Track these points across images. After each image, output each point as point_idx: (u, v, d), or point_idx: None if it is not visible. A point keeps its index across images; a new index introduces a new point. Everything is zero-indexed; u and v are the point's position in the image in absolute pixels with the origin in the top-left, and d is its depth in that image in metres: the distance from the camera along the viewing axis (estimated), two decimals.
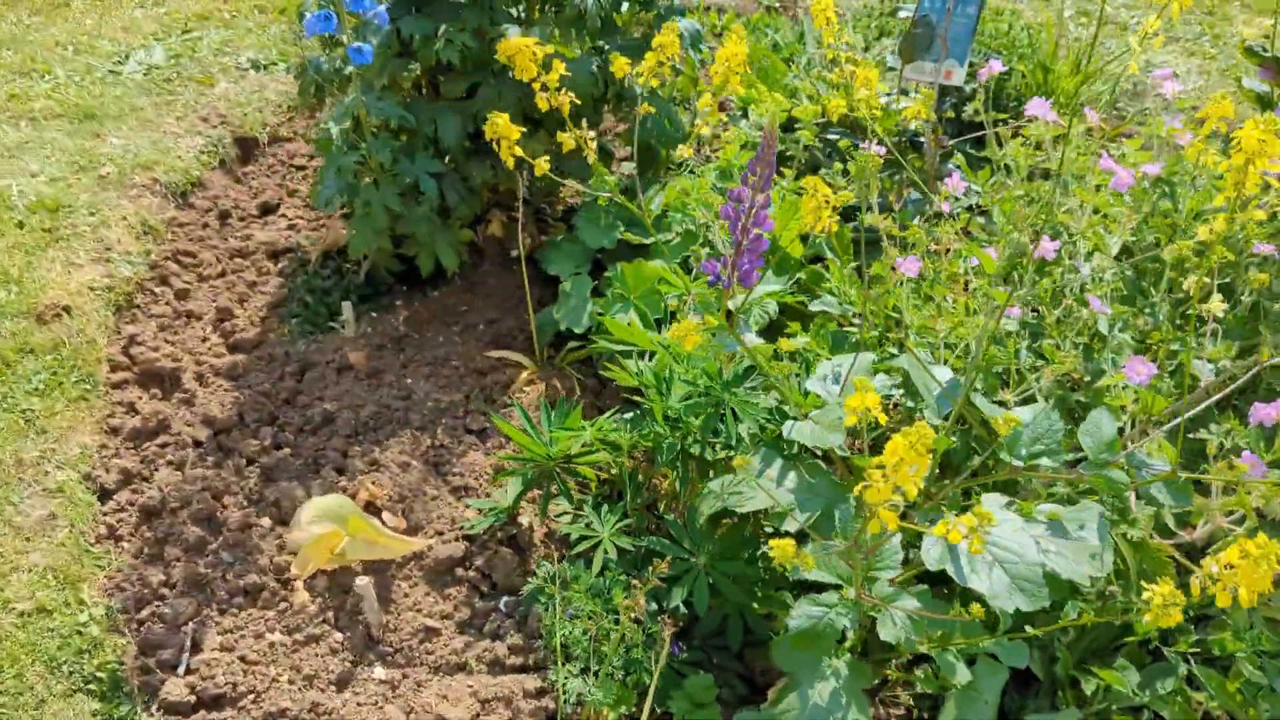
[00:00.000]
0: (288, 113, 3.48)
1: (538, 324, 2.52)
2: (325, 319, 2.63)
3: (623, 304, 2.34)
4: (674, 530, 1.87)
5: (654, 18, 2.55)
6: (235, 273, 2.83)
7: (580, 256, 2.53)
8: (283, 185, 3.19)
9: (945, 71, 2.57)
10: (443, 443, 2.31)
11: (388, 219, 2.41)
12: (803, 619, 1.48)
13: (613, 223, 2.51)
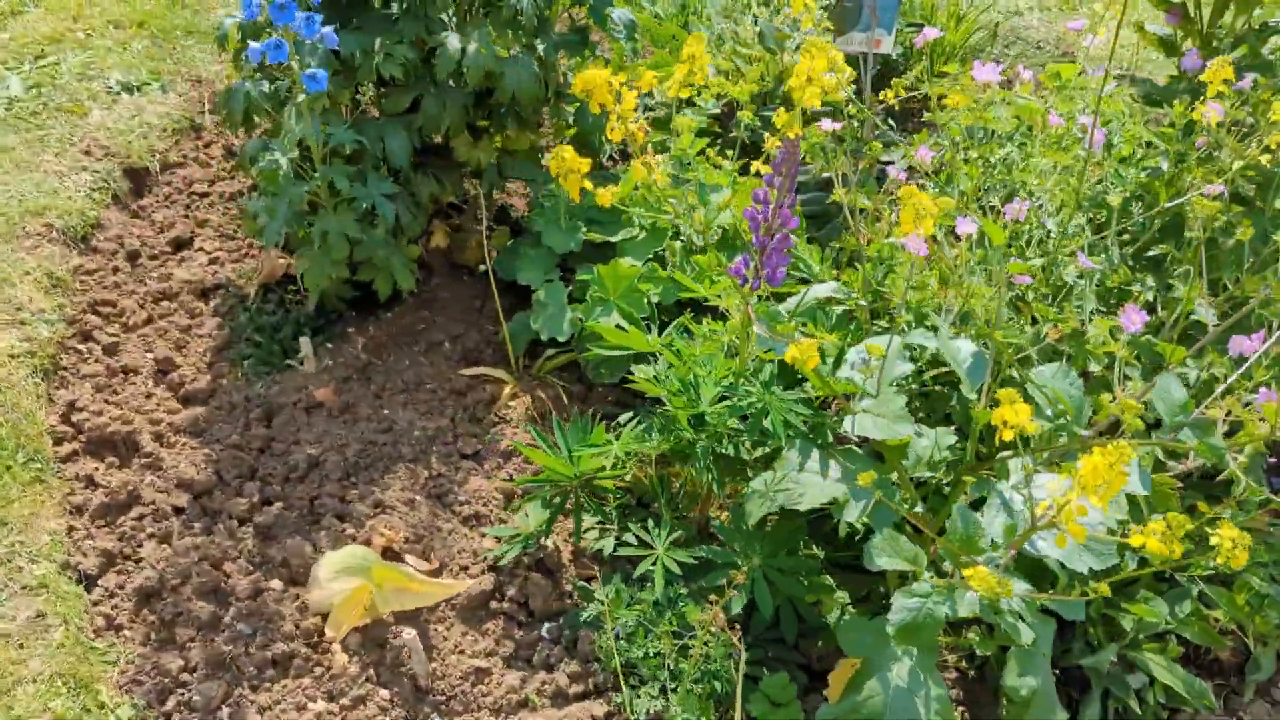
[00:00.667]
0: (173, 136, 3.24)
1: (510, 334, 2.45)
2: (280, 357, 2.49)
3: (604, 307, 2.30)
4: (723, 534, 1.87)
5: (588, 10, 2.49)
6: (164, 318, 2.64)
7: (546, 262, 2.47)
8: (189, 216, 2.98)
9: (875, 40, 2.61)
10: (440, 472, 2.24)
11: (348, 248, 2.29)
12: (903, 612, 1.51)
13: (574, 224, 2.46)
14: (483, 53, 2.29)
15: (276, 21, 1.90)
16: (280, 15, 1.89)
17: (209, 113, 3.37)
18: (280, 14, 1.89)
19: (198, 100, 3.39)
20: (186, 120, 3.30)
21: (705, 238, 2.31)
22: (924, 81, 2.33)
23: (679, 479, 2.06)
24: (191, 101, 3.37)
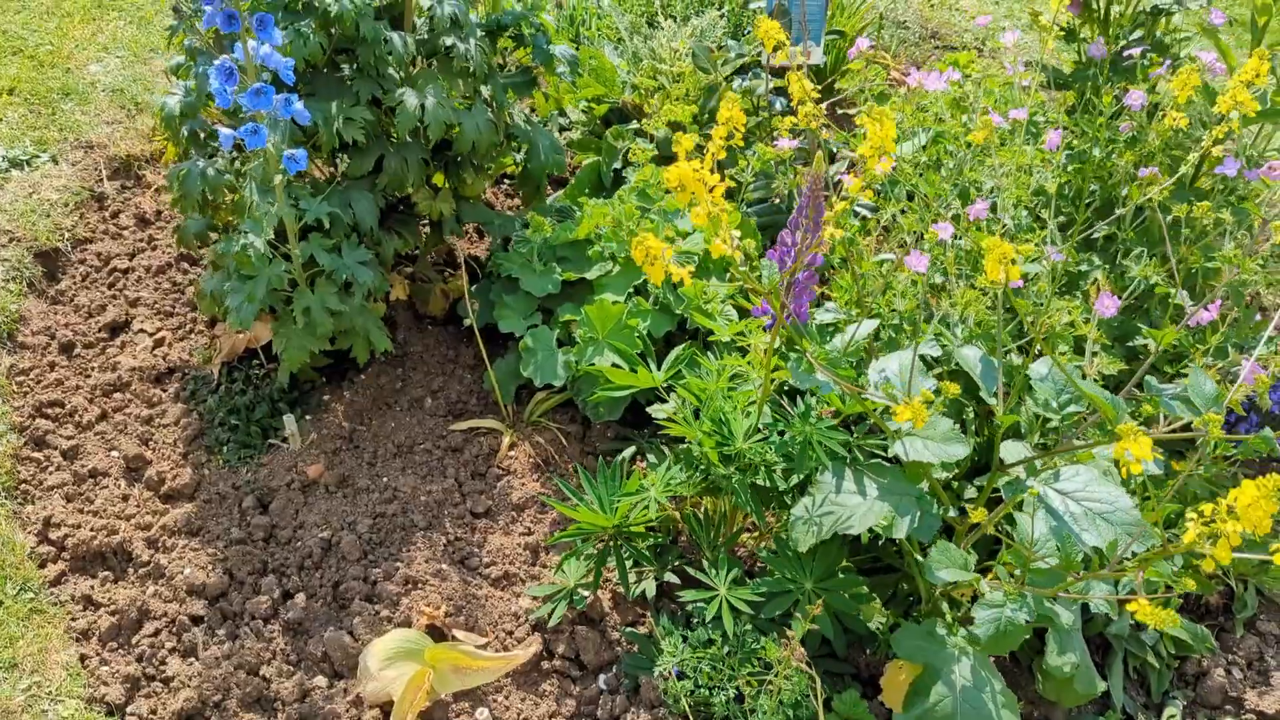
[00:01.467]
0: (77, 210, 3.06)
1: (498, 382, 2.43)
2: (260, 437, 2.40)
3: (595, 346, 2.31)
4: (771, 563, 1.92)
5: (530, 51, 2.47)
6: (119, 411, 2.51)
7: (526, 306, 2.46)
8: (118, 296, 2.82)
9: (805, 52, 2.68)
10: (457, 535, 2.22)
11: (332, 322, 2.23)
12: (988, 624, 1.60)
13: (550, 266, 2.45)
14: (442, 107, 2.26)
15: (252, 107, 1.82)
16: (256, 101, 1.82)
17: (108, 179, 3.19)
18: (256, 99, 1.81)
19: (93, 167, 3.20)
20: (86, 190, 3.11)
21: None
22: (864, 93, 2.42)
23: (710, 511, 2.10)
24: (87, 170, 3.18)
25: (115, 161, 3.24)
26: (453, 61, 2.31)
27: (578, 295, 2.46)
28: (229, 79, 1.81)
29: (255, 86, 1.81)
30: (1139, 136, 2.43)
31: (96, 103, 3.43)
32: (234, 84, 1.81)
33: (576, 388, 2.37)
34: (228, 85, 1.81)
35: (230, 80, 1.81)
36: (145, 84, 3.55)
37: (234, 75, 1.81)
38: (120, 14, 3.93)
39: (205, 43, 2.17)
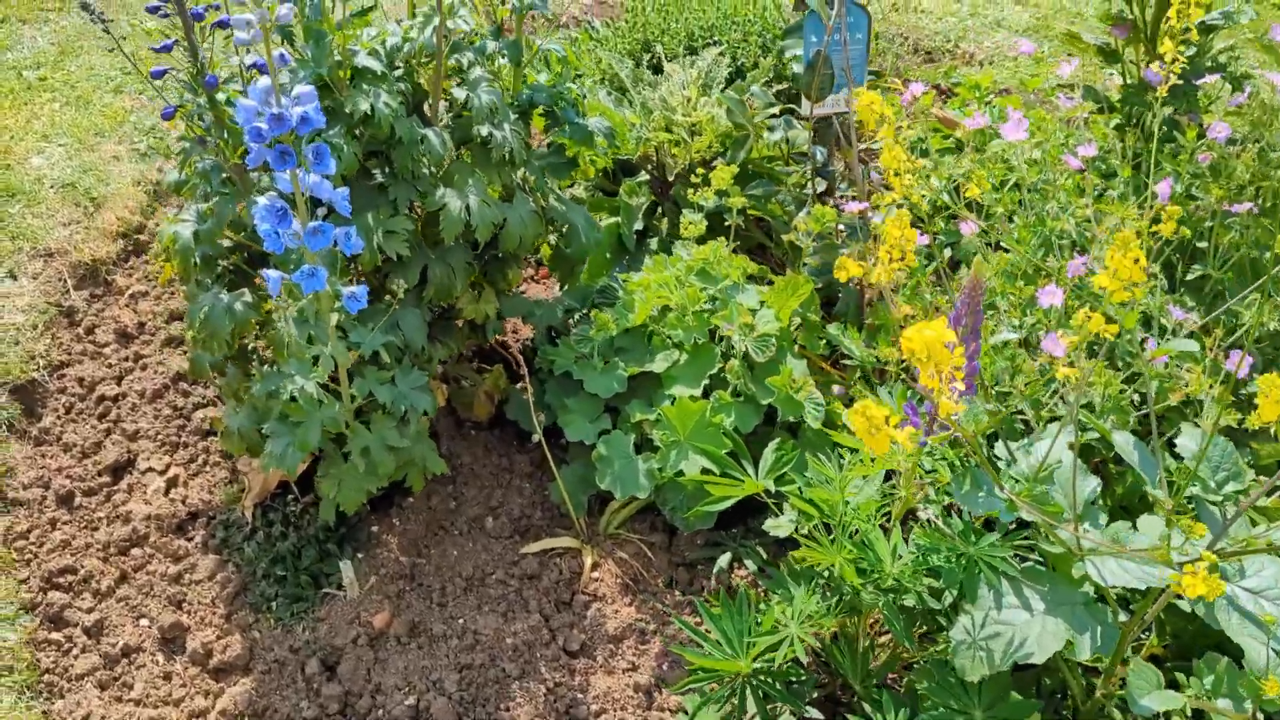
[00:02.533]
0: (48, 330, 2.74)
1: (568, 494, 2.22)
2: (311, 587, 2.15)
3: (678, 450, 2.11)
4: (932, 695, 1.75)
5: (568, 130, 2.25)
6: (142, 570, 2.23)
7: (591, 409, 2.24)
8: (112, 428, 2.53)
9: (846, 100, 2.51)
10: (556, 680, 2.00)
11: (393, 459, 1.99)
12: None
13: (611, 362, 2.24)
14: (487, 205, 2.03)
15: (312, 248, 1.58)
16: (316, 241, 1.57)
17: (74, 289, 2.87)
18: (315, 239, 1.57)
19: (56, 278, 2.88)
20: (54, 306, 2.80)
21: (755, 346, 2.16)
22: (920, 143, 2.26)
23: (850, 633, 1.92)
24: (51, 282, 2.86)
25: (80, 269, 2.92)
26: (490, 152, 2.08)
27: (644, 389, 2.26)
28: (282, 220, 1.56)
29: (313, 226, 1.57)
30: (1219, 168, 2.30)
31: (47, 202, 3.10)
32: (288, 225, 1.57)
33: (662, 497, 2.17)
34: (281, 227, 1.56)
35: (284, 221, 1.56)
36: (98, 174, 3.22)
37: (288, 216, 1.56)
38: (53, 95, 3.58)
39: (221, 157, 1.91)
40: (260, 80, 1.47)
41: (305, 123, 1.48)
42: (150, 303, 2.89)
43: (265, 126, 1.47)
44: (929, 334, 1.08)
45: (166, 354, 2.73)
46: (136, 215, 3.13)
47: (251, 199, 1.81)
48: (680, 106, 2.88)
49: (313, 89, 1.48)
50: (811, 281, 2.24)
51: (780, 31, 3.51)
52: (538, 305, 2.39)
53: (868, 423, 1.15)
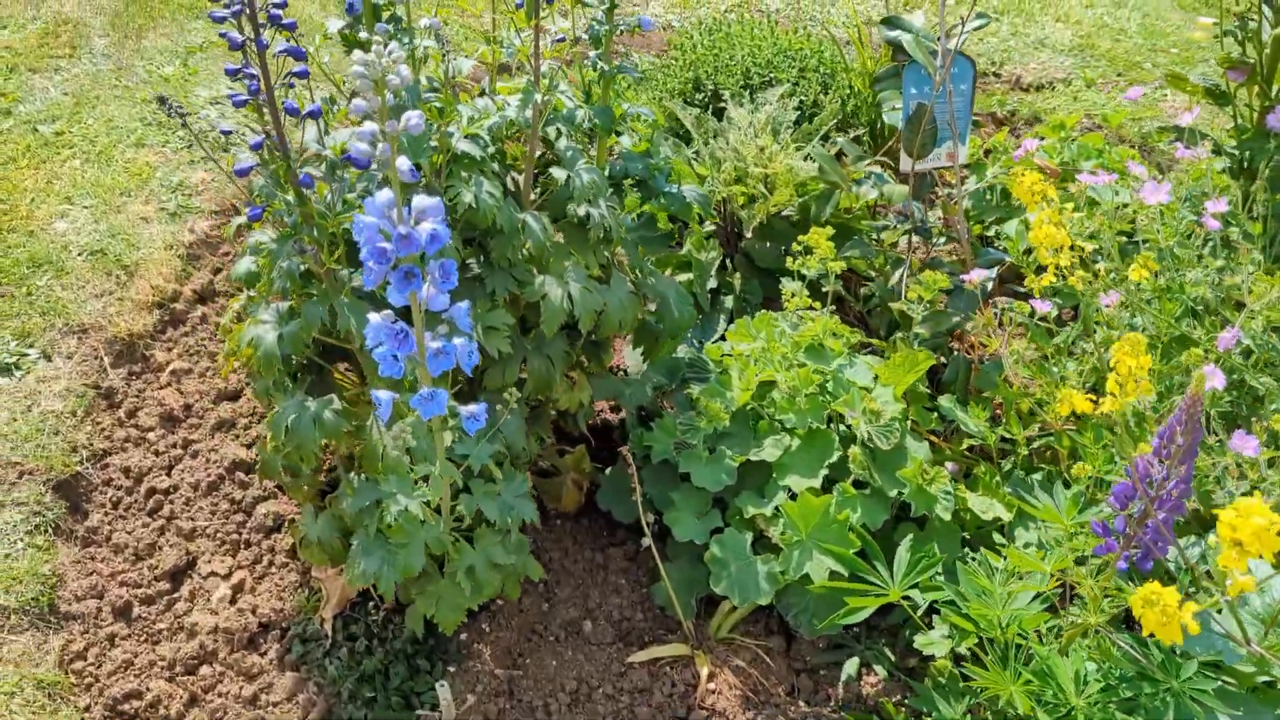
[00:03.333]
0: (87, 416, 2.56)
1: (676, 596, 2.05)
2: (403, 707, 1.97)
3: (801, 550, 1.95)
4: None
5: (663, 201, 2.09)
6: (213, 691, 2.04)
7: (699, 504, 2.07)
8: (166, 527, 2.34)
9: (947, 154, 2.35)
10: None
11: (499, 575, 1.81)
12: None
13: (718, 451, 2.07)
14: (589, 292, 1.86)
15: (435, 371, 1.40)
16: (439, 363, 1.40)
17: (112, 367, 2.68)
18: (438, 361, 1.40)
19: (92, 356, 2.69)
20: (91, 388, 2.61)
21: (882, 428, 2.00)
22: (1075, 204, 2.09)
23: None
24: (86, 361, 2.67)
25: (116, 344, 2.74)
26: (588, 232, 1.91)
27: (752, 477, 2.09)
28: (402, 343, 1.38)
29: (435, 347, 1.39)
30: None
31: (76, 272, 2.91)
32: (409, 349, 1.39)
33: (784, 601, 2.00)
34: (401, 351, 1.39)
35: (404, 345, 1.39)
36: (127, 238, 3.04)
37: (408, 338, 1.39)
38: (72, 151, 3.39)
39: (315, 262, 1.73)
40: (380, 194, 1.30)
41: (435, 240, 1.31)
42: (195, 381, 2.70)
43: (390, 247, 1.30)
44: (1258, 522, 0.91)
45: (219, 440, 2.54)
46: (171, 282, 2.94)
47: (362, 315, 1.64)
48: (753, 157, 2.71)
49: (439, 201, 1.31)
50: (931, 357, 2.08)
51: (835, 65, 3.36)
52: (627, 385, 2.22)
53: (1162, 611, 0.99)
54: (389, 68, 1.19)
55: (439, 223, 1.33)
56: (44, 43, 3.93)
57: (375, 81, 1.19)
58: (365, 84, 1.20)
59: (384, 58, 1.19)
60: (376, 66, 1.18)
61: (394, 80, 1.20)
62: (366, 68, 1.19)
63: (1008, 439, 2.08)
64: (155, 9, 4.22)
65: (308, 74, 1.52)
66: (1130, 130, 3.62)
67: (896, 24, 2.24)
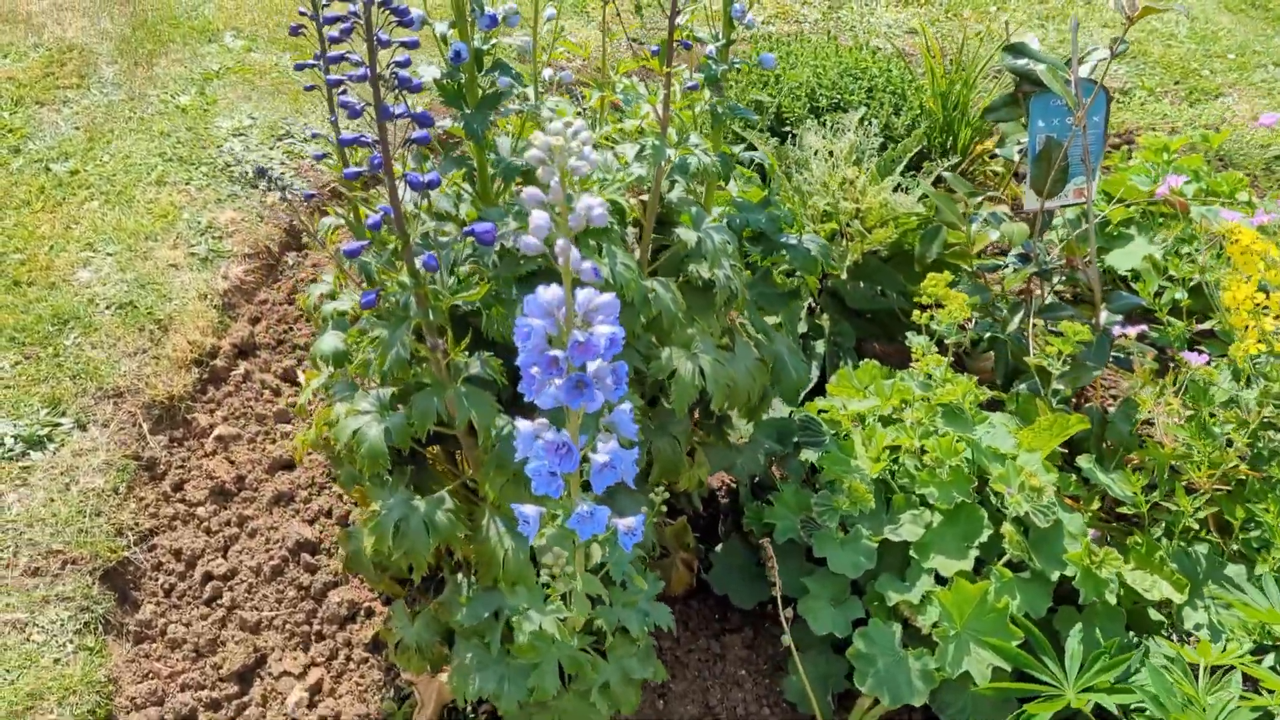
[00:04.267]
0: (128, 492, 2.33)
1: (812, 692, 1.85)
2: None
3: (957, 644, 1.75)
4: None
5: (786, 255, 1.89)
6: None
7: (835, 590, 1.88)
8: (227, 619, 2.13)
9: (1075, 190, 2.16)
10: None
11: (635, 691, 1.61)
12: None
13: (854, 531, 1.87)
14: (720, 365, 1.66)
15: (598, 487, 1.20)
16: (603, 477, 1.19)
17: (151, 434, 2.46)
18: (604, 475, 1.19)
19: (130, 423, 2.47)
20: (131, 459, 2.39)
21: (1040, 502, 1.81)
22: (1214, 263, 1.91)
23: None
24: (125, 429, 2.45)
25: (154, 409, 2.51)
26: (713, 296, 1.71)
27: (889, 557, 1.90)
28: (564, 459, 1.18)
29: (602, 461, 1.19)
30: None
31: (105, 328, 2.68)
32: (572, 465, 1.19)
33: (939, 701, 1.81)
34: (563, 467, 1.18)
35: (567, 461, 1.18)
36: (157, 289, 2.81)
37: (572, 454, 1.18)
38: (89, 191, 3.16)
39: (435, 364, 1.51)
40: (547, 292, 1.09)
41: (613, 345, 1.10)
42: (244, 449, 2.48)
43: (561, 354, 1.09)
44: None
45: (277, 516, 2.32)
46: (209, 336, 2.72)
47: (485, 407, 1.43)
48: (842, 190, 2.51)
49: (612, 299, 1.10)
50: (1084, 420, 1.88)
51: (904, 84, 3.17)
52: (738, 453, 2.02)
53: None
54: (575, 150, 0.98)
55: (612, 320, 1.12)
56: (49, 72, 3.69)
57: (560, 169, 0.99)
58: (549, 172, 0.99)
59: (569, 138, 0.99)
60: (568, 153, 0.97)
61: (581, 166, 0.99)
62: (548, 153, 0.99)
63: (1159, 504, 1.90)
64: (164, 33, 3.98)
65: (429, 140, 1.31)
66: (1251, 157, 3.43)
67: (1024, 51, 2.04)
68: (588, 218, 1.03)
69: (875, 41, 4.09)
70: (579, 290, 1.12)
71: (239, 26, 4.10)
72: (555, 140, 0.97)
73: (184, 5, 4.20)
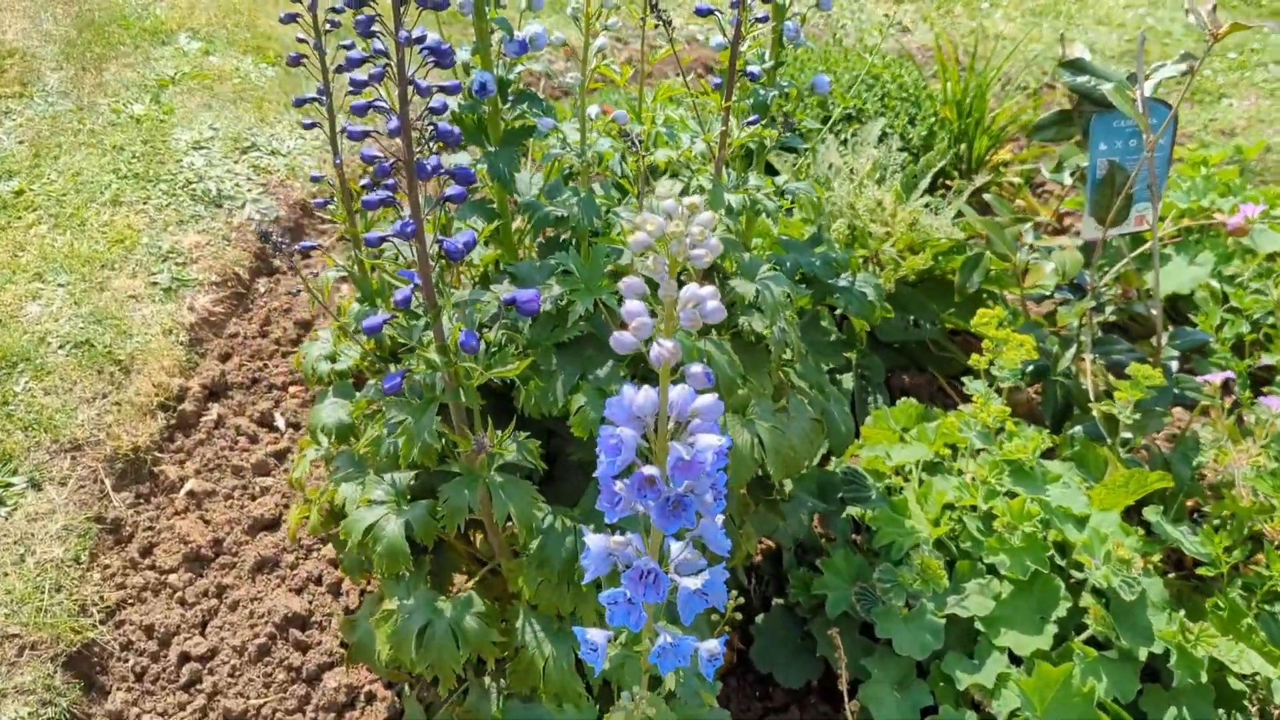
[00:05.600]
0: (90, 560, 2.09)
1: None
2: None
3: None
4: None
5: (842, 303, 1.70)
6: None
7: (897, 671, 1.69)
8: (209, 707, 1.89)
9: (1137, 218, 1.99)
10: None
11: None
12: None
13: (919, 607, 1.69)
14: (780, 433, 1.47)
15: (688, 617, 0.99)
16: (689, 608, 0.99)
17: (114, 491, 2.22)
18: (692, 603, 0.99)
19: (90, 479, 2.22)
20: (92, 521, 2.15)
21: None
22: None
23: None
24: (84, 487, 2.20)
25: (118, 462, 2.27)
26: (766, 350, 1.52)
27: (953, 631, 1.72)
28: (650, 587, 0.97)
29: (694, 587, 0.98)
30: None
31: (59, 371, 2.42)
32: (659, 594, 0.98)
33: None
34: (650, 597, 0.98)
35: (655, 589, 0.98)
36: (116, 324, 2.55)
37: (660, 581, 0.98)
38: (37, 214, 2.88)
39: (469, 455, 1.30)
40: (639, 395, 0.88)
41: (720, 458, 0.90)
42: (220, 506, 2.24)
43: (659, 474, 0.89)
44: None
45: (261, 585, 2.09)
46: (175, 377, 2.47)
47: (522, 499, 1.22)
48: (871, 211, 2.33)
49: (717, 402, 0.90)
50: (1166, 477, 1.72)
51: (919, 91, 2.99)
52: (780, 517, 1.83)
53: None
54: (696, 237, 0.78)
55: (714, 424, 0.92)
56: None
57: (670, 259, 0.78)
58: (662, 266, 0.79)
59: (688, 222, 0.78)
60: (687, 242, 0.77)
61: (703, 257, 0.78)
62: (656, 240, 0.78)
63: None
64: (114, 35, 3.69)
65: (465, 197, 1.09)
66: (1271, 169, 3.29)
67: (1086, 68, 1.87)
68: (701, 314, 0.82)
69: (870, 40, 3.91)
70: (673, 388, 0.92)
71: (194, 27, 3.82)
72: (674, 227, 0.76)
73: (134, 4, 3.90)
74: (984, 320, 1.92)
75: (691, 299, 0.84)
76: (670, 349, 0.82)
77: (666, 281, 0.79)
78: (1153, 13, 4.54)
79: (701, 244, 0.78)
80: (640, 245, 0.79)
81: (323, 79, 1.32)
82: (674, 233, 0.77)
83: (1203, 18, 1.69)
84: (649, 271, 0.79)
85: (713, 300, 0.83)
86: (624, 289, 0.82)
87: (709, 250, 0.78)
